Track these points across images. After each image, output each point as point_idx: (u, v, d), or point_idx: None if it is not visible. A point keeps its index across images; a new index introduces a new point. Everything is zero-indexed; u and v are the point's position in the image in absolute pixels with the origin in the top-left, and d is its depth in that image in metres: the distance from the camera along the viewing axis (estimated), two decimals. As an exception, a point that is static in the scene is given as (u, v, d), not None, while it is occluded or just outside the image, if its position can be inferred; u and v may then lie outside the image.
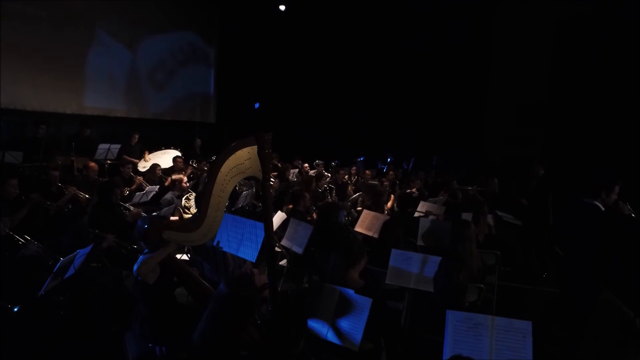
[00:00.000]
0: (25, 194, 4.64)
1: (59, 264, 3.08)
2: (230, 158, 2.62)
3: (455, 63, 11.79)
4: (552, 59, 10.85)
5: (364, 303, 2.44)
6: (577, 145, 9.70)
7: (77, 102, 8.72)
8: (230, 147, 2.62)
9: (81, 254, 3.29)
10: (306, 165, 9.09)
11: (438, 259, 3.37)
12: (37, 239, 3.75)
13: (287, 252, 4.29)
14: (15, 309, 2.91)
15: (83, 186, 5.56)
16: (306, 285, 4.36)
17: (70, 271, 3.24)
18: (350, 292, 2.50)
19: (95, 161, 6.64)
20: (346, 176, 8.32)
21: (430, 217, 5.52)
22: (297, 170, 8.81)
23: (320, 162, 9.30)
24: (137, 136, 8.44)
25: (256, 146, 2.68)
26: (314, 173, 8.16)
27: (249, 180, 6.51)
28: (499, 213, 5.99)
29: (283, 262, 4.39)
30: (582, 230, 4.24)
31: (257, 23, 11.87)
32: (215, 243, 3.33)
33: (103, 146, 7.30)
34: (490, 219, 5.33)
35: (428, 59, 11.90)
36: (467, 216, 5.07)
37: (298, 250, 3.92)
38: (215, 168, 2.60)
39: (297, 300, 4.09)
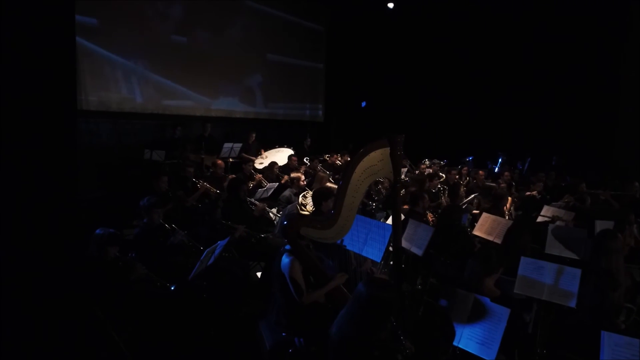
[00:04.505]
0: (171, 189, 5.28)
1: (204, 253, 3.45)
2: (364, 160, 2.70)
3: (583, 45, 10.04)
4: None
5: (502, 313, 2.35)
6: None
7: (204, 106, 9.67)
8: (364, 149, 2.71)
9: (220, 245, 3.66)
10: (423, 165, 9.21)
11: (576, 271, 3.09)
12: (177, 230, 4.23)
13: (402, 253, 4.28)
14: (172, 288, 3.33)
15: (212, 182, 6.16)
16: (419, 287, 4.32)
17: (211, 260, 3.63)
18: (487, 300, 2.42)
19: (221, 159, 7.29)
20: (457, 176, 8.02)
21: (558, 223, 5.09)
22: (405, 169, 8.72)
23: (438, 161, 9.26)
24: (254, 135, 9.13)
25: (388, 148, 2.73)
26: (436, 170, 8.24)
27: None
28: (645, 223, 5.27)
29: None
30: None
31: (366, 22, 11.92)
32: (339, 241, 3.46)
33: (227, 145, 7.98)
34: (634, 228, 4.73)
35: (548, 43, 10.50)
36: (601, 224, 4.57)
37: (417, 251, 3.88)
38: (350, 169, 2.71)
39: (413, 302, 4.08)
